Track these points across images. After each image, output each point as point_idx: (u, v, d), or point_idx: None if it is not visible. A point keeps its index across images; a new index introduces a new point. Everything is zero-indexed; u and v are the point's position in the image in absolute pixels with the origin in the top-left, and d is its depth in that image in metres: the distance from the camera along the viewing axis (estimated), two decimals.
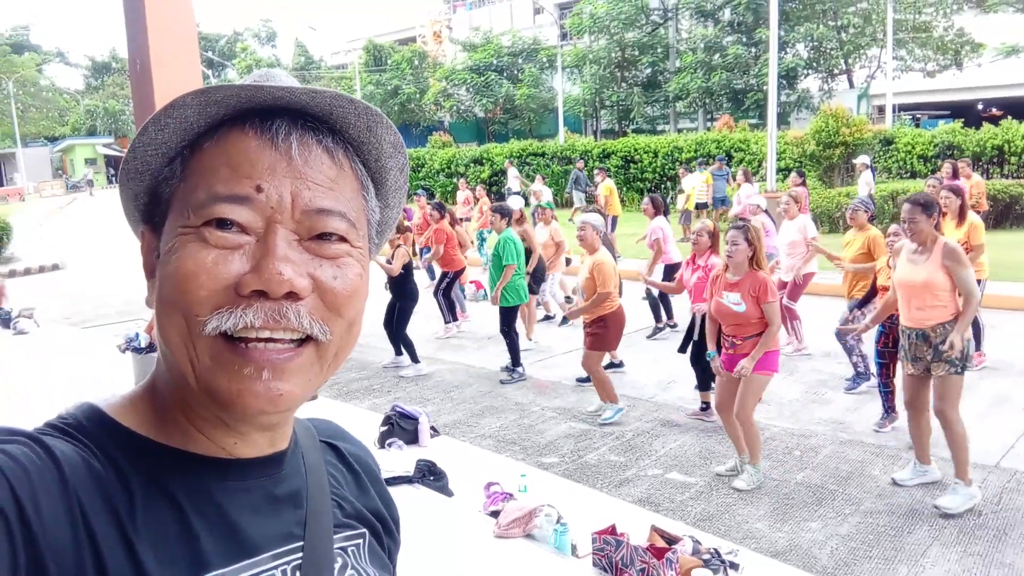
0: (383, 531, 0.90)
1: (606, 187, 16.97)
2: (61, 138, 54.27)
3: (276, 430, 0.76)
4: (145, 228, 0.76)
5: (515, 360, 7.90)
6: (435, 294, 9.90)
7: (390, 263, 8.01)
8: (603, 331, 6.49)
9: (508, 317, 7.95)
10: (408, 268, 8.12)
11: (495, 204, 8.96)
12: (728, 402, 5.32)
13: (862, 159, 15.22)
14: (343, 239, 0.72)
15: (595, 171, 19.43)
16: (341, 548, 0.81)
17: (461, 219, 14.76)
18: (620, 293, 6.63)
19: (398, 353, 8.41)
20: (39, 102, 52.09)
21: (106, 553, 0.62)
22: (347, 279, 0.72)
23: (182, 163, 0.72)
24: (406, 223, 9.28)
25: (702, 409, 6.55)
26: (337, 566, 0.79)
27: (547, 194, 16.91)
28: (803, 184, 12.22)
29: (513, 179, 23.28)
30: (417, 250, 11.11)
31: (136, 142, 0.72)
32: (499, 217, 8.09)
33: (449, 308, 9.90)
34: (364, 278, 0.75)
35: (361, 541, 0.85)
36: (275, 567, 0.73)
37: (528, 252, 8.77)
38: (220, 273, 0.66)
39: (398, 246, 8.05)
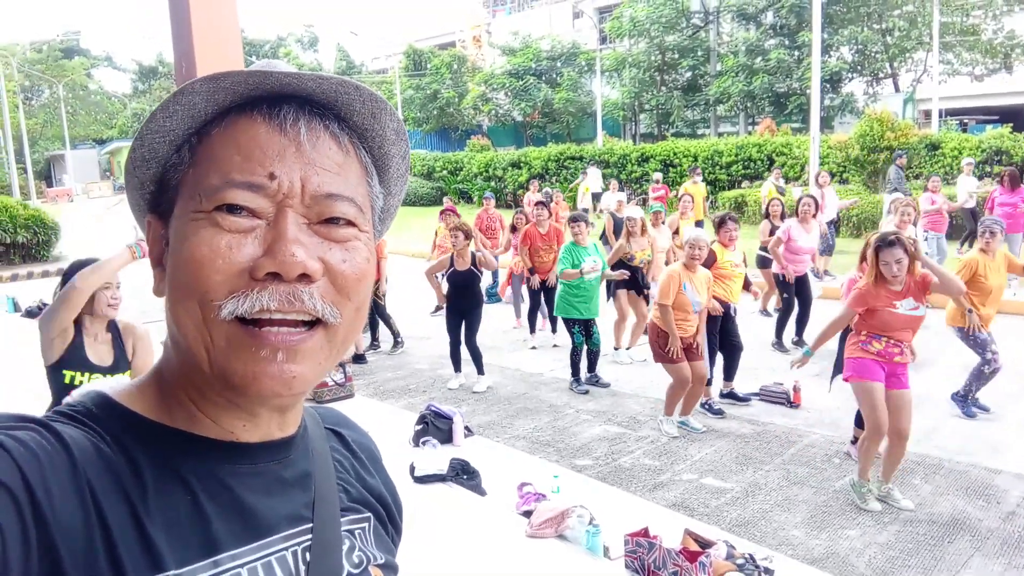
0: (387, 516, 0.91)
1: (694, 189, 14.61)
2: (109, 140, 55.38)
3: (286, 413, 0.78)
4: (151, 216, 0.77)
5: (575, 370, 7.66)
6: (529, 298, 9.53)
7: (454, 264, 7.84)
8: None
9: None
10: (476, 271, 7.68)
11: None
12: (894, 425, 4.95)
13: (967, 160, 14.03)
14: (351, 223, 0.73)
15: (691, 170, 16.93)
16: (348, 530, 0.83)
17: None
18: None
19: (458, 370, 7.79)
20: (88, 105, 53.22)
21: (117, 535, 0.63)
22: (355, 263, 0.73)
23: (190, 150, 0.73)
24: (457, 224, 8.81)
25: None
26: (345, 548, 0.81)
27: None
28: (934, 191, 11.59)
29: (594, 180, 21.64)
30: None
31: (144, 130, 0.72)
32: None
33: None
34: (371, 262, 0.76)
35: (367, 524, 0.87)
36: (285, 548, 0.75)
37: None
38: (235, 257, 0.68)
39: (473, 252, 7.58)
